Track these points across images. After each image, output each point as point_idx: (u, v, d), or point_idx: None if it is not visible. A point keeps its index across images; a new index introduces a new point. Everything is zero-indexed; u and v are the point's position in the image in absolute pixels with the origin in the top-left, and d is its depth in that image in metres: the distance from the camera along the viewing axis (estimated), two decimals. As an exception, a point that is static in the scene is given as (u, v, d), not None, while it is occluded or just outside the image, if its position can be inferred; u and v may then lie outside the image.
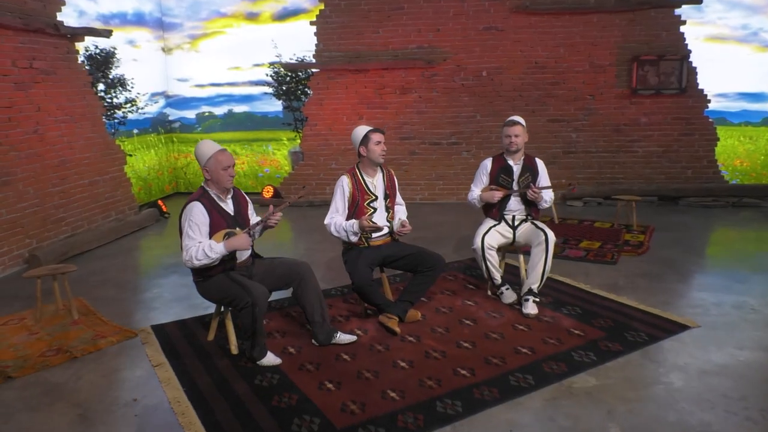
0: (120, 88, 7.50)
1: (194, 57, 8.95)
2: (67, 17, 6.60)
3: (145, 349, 3.75)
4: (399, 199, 4.25)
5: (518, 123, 4.28)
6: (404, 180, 8.29)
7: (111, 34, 6.77)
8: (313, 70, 8.30)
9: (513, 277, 4.82)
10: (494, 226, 4.38)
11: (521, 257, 4.58)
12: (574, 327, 3.90)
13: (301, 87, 8.70)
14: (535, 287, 4.16)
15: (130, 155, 7.67)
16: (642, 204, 7.53)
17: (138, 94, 7.88)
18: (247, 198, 3.73)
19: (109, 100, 7.38)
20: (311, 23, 8.13)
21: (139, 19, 8.26)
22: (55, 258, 5.50)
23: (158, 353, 3.68)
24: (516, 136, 4.27)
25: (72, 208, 6.18)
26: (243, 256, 3.58)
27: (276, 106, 8.94)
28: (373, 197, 4.00)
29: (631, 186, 7.71)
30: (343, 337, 3.70)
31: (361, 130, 4.02)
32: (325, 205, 7.96)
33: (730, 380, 3.19)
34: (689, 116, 7.58)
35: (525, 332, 3.85)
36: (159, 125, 8.89)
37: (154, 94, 8.71)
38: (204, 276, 3.48)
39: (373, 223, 3.85)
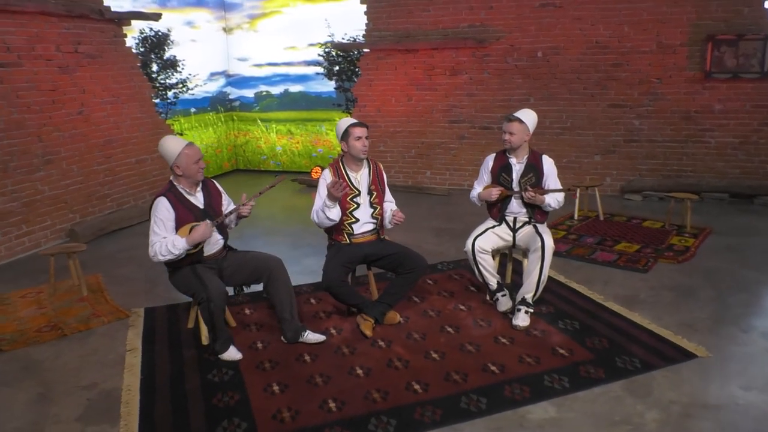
0: (171, 70, 7.75)
1: (253, 37, 9.07)
2: (122, 1, 6.90)
3: (128, 332, 3.89)
4: (388, 196, 4.05)
5: (515, 120, 3.89)
6: (451, 165, 7.98)
7: (160, 18, 6.99)
8: (365, 50, 8.13)
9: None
10: (493, 227, 4.07)
11: (525, 261, 4.23)
12: (561, 345, 3.54)
13: (352, 67, 8.56)
14: (528, 297, 3.82)
15: (181, 134, 7.96)
16: (710, 201, 6.73)
17: (189, 74, 8.12)
18: (220, 189, 3.71)
19: (162, 81, 7.67)
20: (361, 2, 7.93)
21: (198, 1, 8.47)
22: (92, 233, 5.86)
23: (136, 337, 3.80)
24: (511, 134, 3.88)
25: (117, 186, 6.53)
26: (214, 249, 3.58)
27: (329, 86, 8.88)
28: (356, 192, 3.84)
29: (699, 180, 6.89)
30: (310, 336, 3.61)
31: (343, 124, 3.85)
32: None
33: (717, 427, 2.75)
34: (772, 104, 6.62)
35: (504, 347, 3.55)
36: (218, 104, 9.15)
37: (213, 74, 8.96)
38: (173, 267, 3.52)
39: (338, 181, 3.57)
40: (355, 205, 3.83)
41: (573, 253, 5.18)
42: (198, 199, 3.52)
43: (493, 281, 4.03)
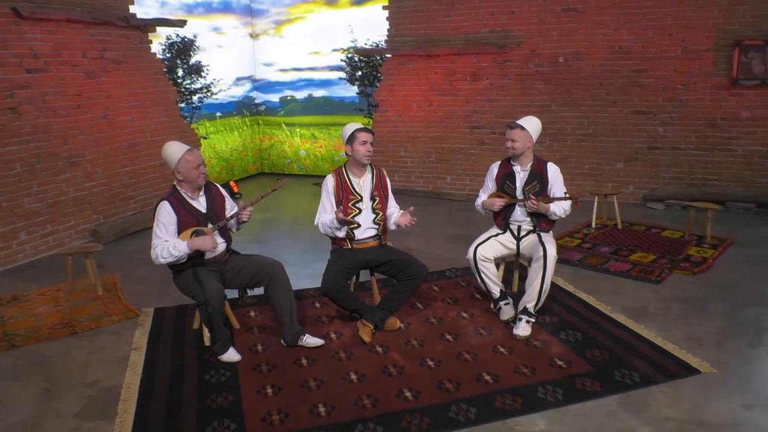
0: (195, 75, 7.93)
1: (279, 42, 9.20)
2: (149, 8, 7.11)
3: (135, 331, 4.00)
4: (392, 202, 4.05)
5: (517, 127, 3.85)
6: (471, 171, 7.93)
7: (185, 24, 7.17)
8: (387, 55, 8.16)
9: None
10: (496, 235, 4.03)
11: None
12: (560, 356, 3.48)
13: (374, 72, 8.60)
14: (530, 306, 3.77)
15: (205, 138, 8.13)
16: (735, 211, 6.50)
17: (214, 79, 8.29)
18: (224, 193, 3.78)
19: (187, 86, 7.85)
20: (383, 7, 7.97)
21: (225, 7, 8.65)
22: (114, 234, 6.04)
23: (143, 336, 3.90)
24: (513, 141, 3.84)
25: (141, 188, 6.72)
26: (216, 251, 3.64)
27: (352, 91, 8.94)
28: (358, 197, 3.85)
29: (724, 190, 6.67)
30: (309, 340, 3.65)
31: (350, 128, 3.85)
32: (393, 192, 7.91)
33: (710, 447, 2.67)
34: (804, 112, 6.36)
35: (502, 357, 3.51)
36: (244, 108, 9.31)
37: (239, 78, 9.13)
38: (176, 270, 3.61)
39: (350, 218, 3.70)
40: (357, 211, 3.84)
41: (585, 262, 5.08)
42: (201, 204, 3.59)
43: (496, 289, 3.99)
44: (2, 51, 5.08)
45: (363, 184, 3.89)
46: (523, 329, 3.75)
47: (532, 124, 3.93)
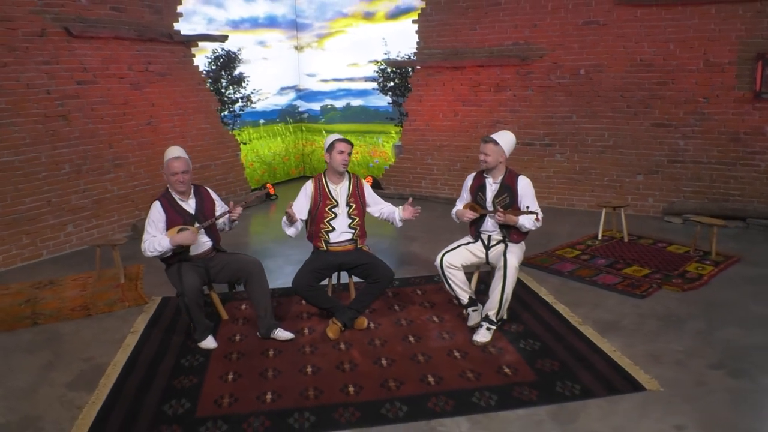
0: (236, 86, 8.34)
1: (320, 54, 9.50)
2: (196, 24, 7.57)
3: (139, 317, 4.34)
4: (377, 200, 4.18)
5: (490, 141, 3.87)
6: (493, 179, 7.85)
7: (226, 39, 7.58)
8: (418, 66, 8.25)
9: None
10: (467, 244, 4.06)
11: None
12: (510, 364, 3.48)
13: (405, 83, 8.71)
14: (491, 314, 3.78)
15: (245, 143, 8.54)
16: (756, 227, 6.11)
17: (253, 90, 8.68)
18: (214, 196, 4.03)
19: (230, 96, 8.28)
20: (413, 21, 8.07)
21: (271, 22, 9.04)
22: (151, 228, 6.50)
23: (143, 322, 4.23)
24: (486, 155, 3.86)
25: (181, 187, 7.17)
26: (200, 249, 3.90)
27: (385, 100, 9.09)
28: (335, 203, 4.00)
29: (745, 206, 6.26)
30: (280, 334, 3.84)
31: (330, 138, 4.01)
32: (417, 197, 8.04)
33: (622, 462, 2.61)
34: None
35: (454, 361, 3.55)
36: (287, 115, 9.68)
37: (284, 88, 9.50)
38: (167, 263, 3.91)
39: (292, 212, 3.84)
40: (333, 215, 4.00)
41: (576, 273, 4.98)
42: (190, 205, 3.87)
43: (464, 296, 4.02)
44: (55, 65, 5.63)
45: (339, 190, 4.04)
46: (482, 336, 3.76)
47: (505, 139, 3.94)
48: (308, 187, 4.06)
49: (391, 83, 8.90)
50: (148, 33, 6.42)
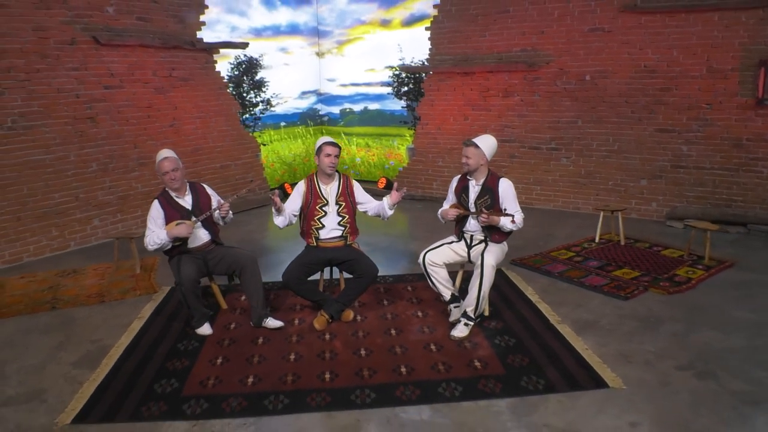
0: (256, 90, 8.60)
1: (340, 60, 9.69)
2: (220, 33, 7.85)
3: (147, 304, 4.58)
4: (367, 198, 4.30)
5: (471, 144, 3.94)
6: (501, 182, 7.87)
7: (247, 46, 7.83)
8: (430, 72, 8.33)
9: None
10: (451, 243, 4.15)
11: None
12: (482, 359, 3.55)
13: (418, 88, 8.80)
14: (469, 310, 3.86)
15: (264, 144, 8.79)
16: (757, 233, 5.97)
17: (273, 94, 8.92)
18: (210, 193, 4.22)
19: (250, 100, 8.54)
20: (426, 28, 8.16)
21: (293, 30, 9.27)
22: (172, 223, 6.78)
23: (150, 309, 4.47)
24: (467, 158, 3.94)
25: (202, 185, 7.45)
26: (198, 242, 4.10)
27: (400, 105, 9.20)
28: (325, 201, 4.15)
29: (746, 212, 6.13)
30: (270, 323, 4.01)
31: (319, 142, 4.16)
32: (429, 199, 8.12)
33: (569, 453, 2.67)
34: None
35: (429, 353, 3.64)
36: (308, 118, 9.91)
37: (305, 92, 9.73)
38: (169, 255, 4.12)
39: (276, 199, 4.01)
40: (323, 213, 4.14)
41: (566, 275, 4.99)
42: (186, 201, 4.08)
43: (446, 293, 4.11)
44: (83, 71, 5.96)
45: (329, 190, 4.18)
46: (460, 331, 3.84)
47: (485, 143, 4.01)
48: (300, 186, 4.22)
49: (406, 88, 9.01)
50: (172, 41, 6.71)
